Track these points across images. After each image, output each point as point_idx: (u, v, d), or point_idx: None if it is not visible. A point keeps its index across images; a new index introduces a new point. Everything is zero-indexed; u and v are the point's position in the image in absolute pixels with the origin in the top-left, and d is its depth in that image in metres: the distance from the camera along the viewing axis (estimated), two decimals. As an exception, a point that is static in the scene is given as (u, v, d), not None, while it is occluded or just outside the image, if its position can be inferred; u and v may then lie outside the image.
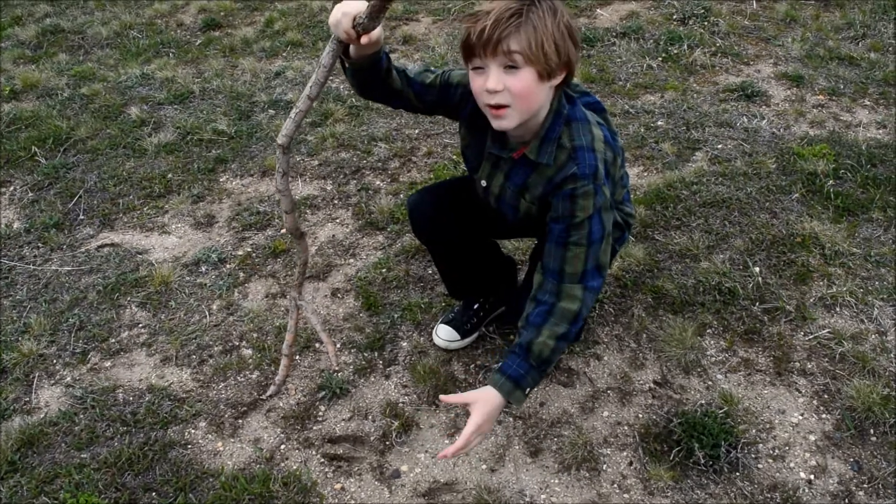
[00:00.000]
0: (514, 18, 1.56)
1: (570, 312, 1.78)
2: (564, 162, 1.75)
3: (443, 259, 2.30)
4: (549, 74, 1.64)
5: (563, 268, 1.78)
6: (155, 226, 3.12)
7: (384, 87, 1.80)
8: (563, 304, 1.78)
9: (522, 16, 1.56)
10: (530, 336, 1.79)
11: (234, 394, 2.33)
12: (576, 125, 1.76)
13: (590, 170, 1.73)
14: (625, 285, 2.64)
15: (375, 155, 3.48)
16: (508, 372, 1.79)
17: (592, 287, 1.80)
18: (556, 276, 1.80)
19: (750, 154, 3.31)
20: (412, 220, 2.18)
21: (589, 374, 2.35)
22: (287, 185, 1.72)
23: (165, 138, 3.69)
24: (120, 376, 2.41)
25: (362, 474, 2.09)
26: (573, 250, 1.77)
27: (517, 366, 1.79)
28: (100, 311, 2.67)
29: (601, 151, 1.76)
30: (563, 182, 1.75)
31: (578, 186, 1.74)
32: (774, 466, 2.06)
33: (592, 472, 2.07)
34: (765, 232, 2.83)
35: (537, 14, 1.57)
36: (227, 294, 2.72)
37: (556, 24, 1.58)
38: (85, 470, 2.08)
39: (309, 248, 1.83)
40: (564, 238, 1.77)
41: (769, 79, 3.98)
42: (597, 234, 1.77)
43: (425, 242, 2.25)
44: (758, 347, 2.40)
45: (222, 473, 2.08)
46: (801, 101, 3.75)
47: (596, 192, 1.74)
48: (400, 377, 2.37)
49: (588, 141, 1.75)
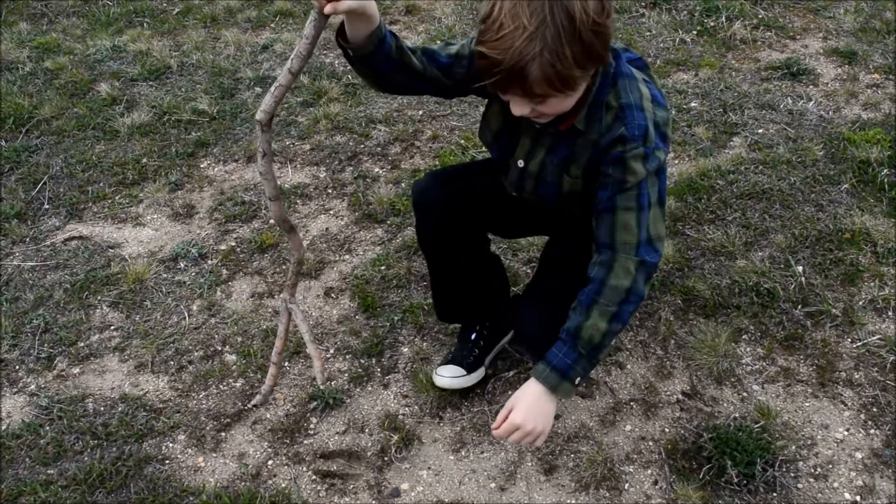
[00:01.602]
0: (529, 58, 1.52)
1: (622, 289, 1.78)
2: (611, 122, 1.77)
3: (444, 262, 2.26)
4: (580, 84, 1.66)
5: (615, 236, 1.80)
6: (128, 217, 3.18)
7: (403, 70, 1.77)
8: (613, 281, 1.79)
9: (537, 46, 1.51)
10: (579, 319, 1.79)
11: (217, 404, 2.39)
12: (622, 82, 1.78)
13: (639, 130, 1.75)
14: (651, 286, 2.67)
15: (374, 139, 3.53)
16: (554, 361, 1.80)
17: (649, 262, 1.81)
18: (607, 246, 1.81)
19: (794, 140, 3.35)
20: (419, 208, 2.16)
21: (610, 383, 2.40)
22: (270, 168, 1.75)
23: (139, 119, 3.75)
24: (90, 384, 2.48)
25: (358, 493, 2.15)
26: (623, 216, 1.78)
27: (564, 354, 1.80)
28: (67, 311, 2.73)
29: (650, 111, 1.78)
30: (610, 145, 1.77)
31: (628, 149, 1.75)
32: (816, 486, 2.10)
33: (613, 492, 2.12)
34: (809, 227, 2.87)
35: (553, 36, 1.51)
36: (209, 293, 2.78)
37: (575, 37, 1.53)
38: (52, 487, 2.15)
39: (303, 244, 1.86)
40: (612, 203, 1.78)
41: (817, 55, 4.01)
42: (649, 198, 1.79)
43: (429, 240, 2.22)
44: (799, 355, 2.45)
45: (203, 491, 2.14)
46: (853, 80, 3.78)
47: (647, 155, 1.76)
48: (400, 386, 2.43)
49: (636, 98, 1.77)
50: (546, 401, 1.81)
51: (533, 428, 1.79)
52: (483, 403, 2.35)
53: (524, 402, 1.80)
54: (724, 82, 3.78)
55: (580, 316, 1.80)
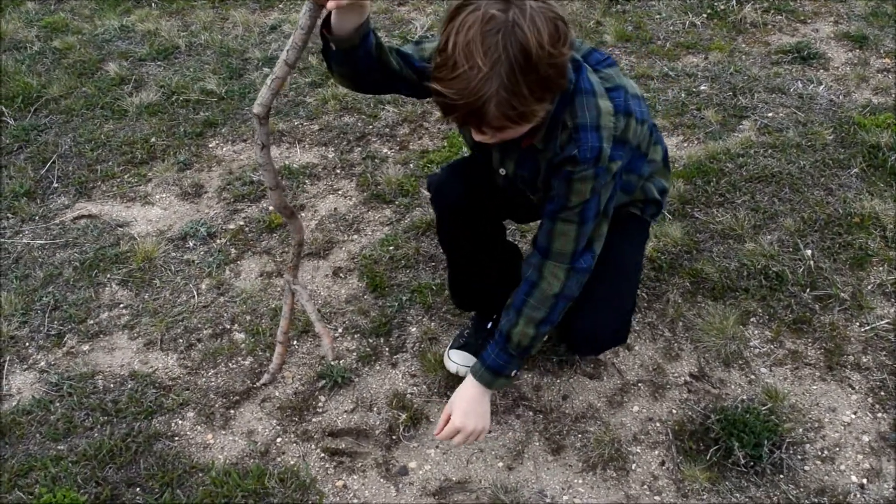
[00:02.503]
0: (486, 99, 1.48)
1: (550, 294, 1.87)
2: (565, 142, 1.75)
3: (463, 254, 2.25)
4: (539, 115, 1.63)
5: (551, 243, 1.85)
6: (137, 196, 3.19)
7: (380, 68, 1.75)
8: (543, 285, 1.87)
9: (493, 86, 1.46)
10: (510, 322, 1.91)
11: (225, 382, 2.41)
12: (579, 99, 1.74)
13: (591, 153, 1.73)
14: (660, 268, 2.68)
15: (382, 119, 3.53)
16: (488, 361, 1.94)
17: (580, 268, 1.87)
18: (543, 251, 1.87)
19: (804, 124, 3.34)
20: (437, 204, 2.17)
21: (618, 365, 2.40)
22: (269, 159, 1.76)
23: (148, 98, 3.76)
24: (99, 361, 2.49)
25: (366, 471, 2.16)
26: (563, 226, 1.83)
27: (496, 355, 1.93)
28: (76, 289, 2.74)
29: (608, 128, 1.75)
30: (561, 163, 1.77)
31: (577, 171, 1.75)
32: (823, 469, 2.11)
33: (620, 472, 2.13)
34: (819, 211, 2.87)
35: (509, 73, 1.46)
36: (218, 272, 2.79)
37: (531, 73, 1.48)
38: (62, 463, 2.16)
39: (304, 228, 1.87)
40: (555, 215, 1.83)
41: (828, 39, 4.00)
42: (591, 212, 1.81)
43: (449, 234, 2.22)
44: (807, 339, 2.45)
45: (213, 468, 2.15)
46: (864, 64, 3.77)
47: (597, 175, 1.76)
48: (408, 366, 2.43)
49: (592, 117, 1.74)
50: (481, 401, 1.95)
51: (473, 428, 1.93)
52: (491, 383, 2.36)
53: (460, 406, 1.94)
54: (734, 66, 3.77)
55: (511, 318, 1.91)
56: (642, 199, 2.16)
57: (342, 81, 1.83)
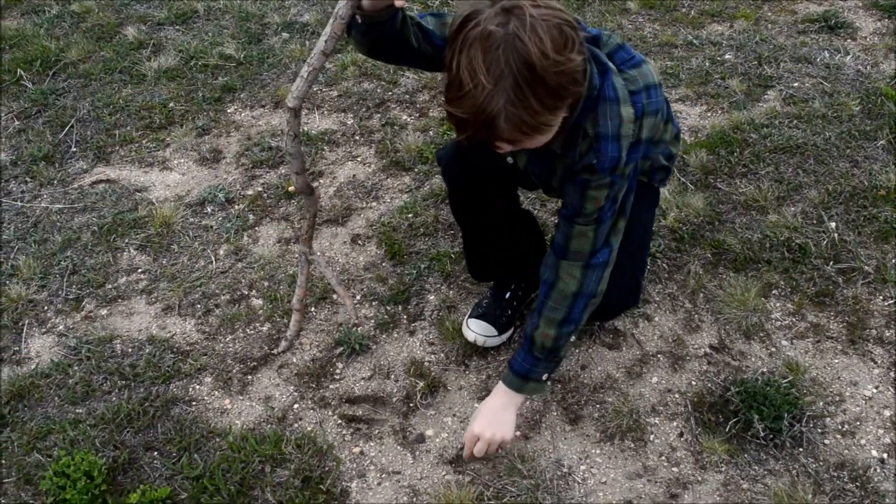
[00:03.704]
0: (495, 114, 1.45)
1: (568, 293, 1.87)
2: (585, 151, 1.73)
3: (477, 225, 2.25)
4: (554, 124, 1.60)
5: (569, 244, 1.85)
6: (155, 161, 3.18)
7: (401, 43, 1.72)
8: (560, 285, 1.88)
9: (500, 102, 1.44)
10: (532, 324, 1.92)
11: (243, 347, 2.41)
12: (602, 108, 1.70)
13: (610, 163, 1.72)
14: (681, 238, 2.66)
15: (402, 86, 3.50)
16: (515, 366, 1.95)
17: (596, 264, 1.86)
18: (559, 251, 1.87)
19: (830, 94, 3.29)
20: (448, 178, 2.16)
21: (637, 335, 2.39)
22: (299, 149, 1.76)
23: (166, 63, 3.74)
24: (117, 326, 2.49)
25: (383, 438, 2.16)
26: (580, 228, 1.83)
27: (522, 359, 1.94)
28: (95, 253, 2.75)
29: (627, 136, 1.72)
30: (580, 171, 1.75)
31: (594, 179, 1.74)
32: (843, 443, 2.09)
33: (638, 443, 2.12)
34: (844, 183, 2.82)
35: (514, 87, 1.44)
36: (235, 238, 2.79)
37: (538, 84, 1.45)
38: (80, 426, 2.17)
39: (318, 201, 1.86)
40: (572, 220, 1.83)
41: (856, 8, 3.93)
42: (607, 214, 1.82)
43: (462, 207, 2.22)
44: (829, 312, 2.42)
45: (230, 433, 2.16)
46: (892, 34, 3.70)
47: (612, 183, 1.76)
48: (426, 333, 2.43)
49: (614, 127, 1.71)
50: (504, 409, 1.97)
51: (492, 436, 1.94)
52: (509, 353, 2.35)
53: (483, 414, 1.97)
54: (760, 34, 3.71)
55: (533, 321, 1.92)
56: (648, 169, 2.13)
57: (358, 47, 1.79)
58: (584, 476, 2.05)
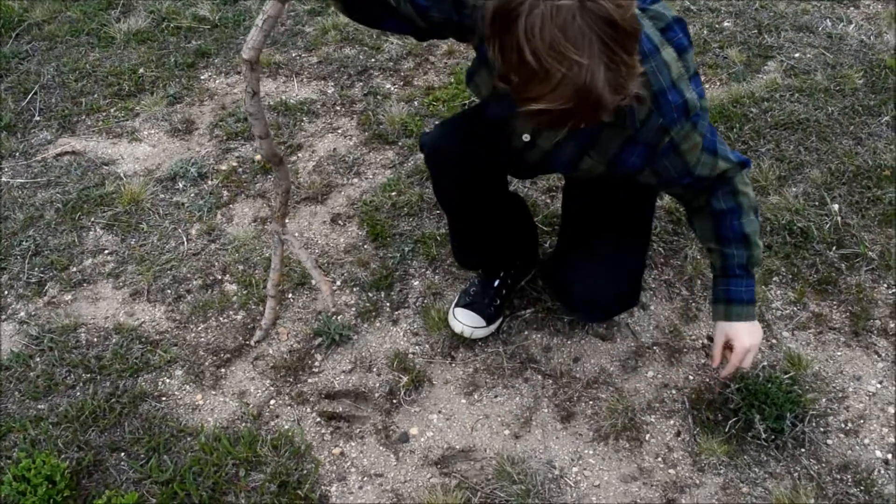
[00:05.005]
0: (600, 87, 1.34)
1: (749, 198, 1.83)
2: (646, 116, 1.64)
3: (466, 219, 2.13)
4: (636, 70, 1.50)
5: (711, 174, 1.78)
6: (124, 131, 3.02)
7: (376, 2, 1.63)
8: (740, 198, 1.82)
9: (600, 73, 1.34)
10: (744, 253, 1.84)
11: (216, 337, 2.28)
12: (648, 66, 1.59)
13: (678, 112, 1.63)
14: (678, 220, 2.55)
15: (386, 52, 3.34)
16: (747, 297, 1.88)
17: (738, 162, 1.81)
18: (712, 184, 1.81)
19: (833, 66, 3.16)
20: (433, 166, 2.02)
21: (632, 325, 2.29)
22: (259, 107, 1.62)
23: (136, 25, 3.55)
24: (82, 312, 2.36)
25: (365, 437, 2.05)
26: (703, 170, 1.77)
27: (750, 288, 1.88)
28: (59, 233, 2.60)
29: (681, 75, 1.64)
30: (654, 138, 1.67)
31: (675, 135, 1.66)
32: (846, 443, 2.01)
33: (633, 443, 2.03)
34: (847, 161, 2.71)
35: (606, 51, 1.34)
36: (209, 217, 2.64)
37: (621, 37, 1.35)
38: (42, 424, 2.05)
39: (290, 175, 1.74)
40: (693, 186, 1.80)
41: (859, -28, 3.79)
42: (709, 142, 1.74)
43: (447, 195, 2.09)
44: (832, 301, 2.33)
45: (202, 432, 2.04)
46: (896, 1, 3.57)
47: (695, 124, 1.67)
48: (410, 323, 2.31)
49: (665, 77, 1.62)
50: (754, 324, 1.92)
51: (758, 342, 1.91)
52: (498, 344, 2.24)
53: (744, 330, 1.89)
54: (760, 1, 3.57)
55: (740, 250, 1.84)
56: None
57: (335, 3, 1.69)
58: (577, 479, 1.97)
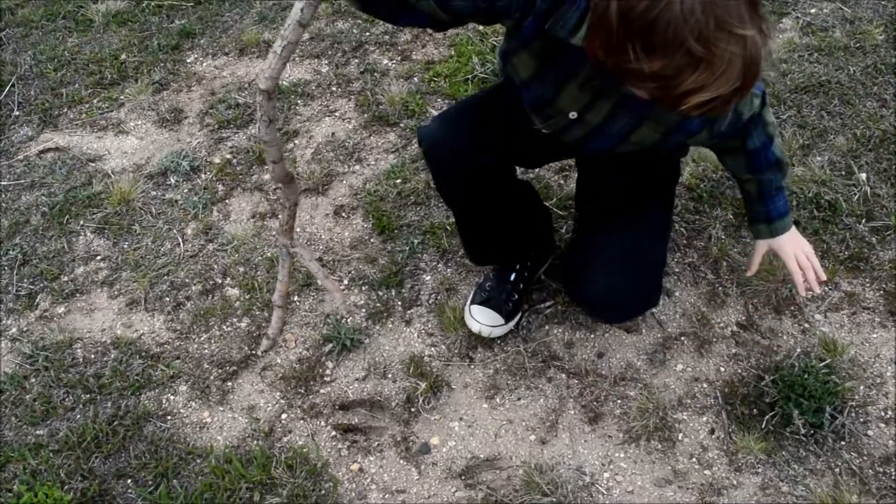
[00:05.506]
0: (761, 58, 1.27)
1: (774, 124, 1.81)
2: None
3: (473, 214, 2.01)
4: None
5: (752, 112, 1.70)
6: (109, 123, 2.87)
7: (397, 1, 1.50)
8: (769, 129, 1.78)
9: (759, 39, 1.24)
10: (779, 176, 1.85)
11: (220, 348, 2.17)
12: None
13: None
14: (699, 198, 2.44)
15: (381, 25, 3.18)
16: (784, 209, 1.89)
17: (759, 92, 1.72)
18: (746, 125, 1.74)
19: (851, 21, 3.02)
20: (432, 161, 1.90)
21: (657, 315, 2.19)
22: (275, 135, 1.48)
23: (115, 5, 3.39)
24: (77, 326, 2.24)
25: (384, 450, 1.95)
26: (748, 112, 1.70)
27: (784, 201, 1.89)
28: (47, 239, 2.47)
29: None
30: None
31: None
32: (887, 432, 1.93)
33: (666, 444, 1.94)
34: (872, 126, 2.59)
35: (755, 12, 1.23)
36: (204, 214, 2.52)
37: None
38: (42, 453, 1.95)
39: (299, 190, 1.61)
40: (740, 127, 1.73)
41: (871, -84, 3.62)
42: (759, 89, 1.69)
43: (450, 191, 1.97)
44: (864, 278, 2.24)
45: (212, 453, 1.94)
46: (912, -54, 3.41)
47: None
48: (424, 322, 2.20)
49: None
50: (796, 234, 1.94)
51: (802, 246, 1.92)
52: (518, 342, 2.14)
53: (792, 239, 1.92)
54: (770, -48, 3.40)
55: (779, 173, 1.85)
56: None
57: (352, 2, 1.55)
58: (609, 485, 1.88)
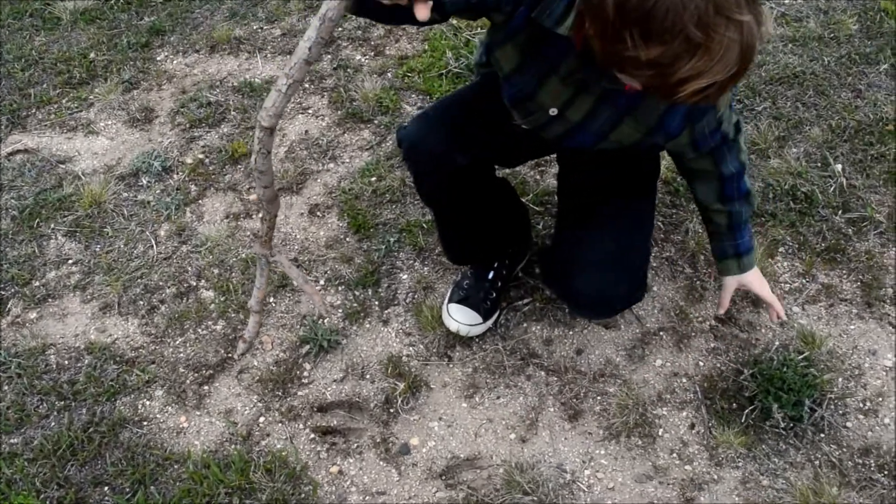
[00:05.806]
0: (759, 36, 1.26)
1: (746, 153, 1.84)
2: None
3: (453, 214, 2.01)
4: None
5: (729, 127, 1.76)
6: (78, 124, 2.84)
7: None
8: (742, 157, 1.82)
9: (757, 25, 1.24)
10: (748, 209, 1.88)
11: (196, 352, 2.15)
12: None
13: None
14: (676, 191, 2.44)
15: (353, 19, 3.16)
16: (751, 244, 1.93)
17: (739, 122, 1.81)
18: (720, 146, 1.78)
19: (825, 11, 3.03)
20: (412, 162, 1.88)
21: (636, 310, 2.19)
22: (270, 166, 1.44)
23: (83, 3, 3.35)
24: (50, 331, 2.22)
25: (363, 452, 1.95)
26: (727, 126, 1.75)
27: (750, 237, 1.92)
28: (17, 243, 2.44)
29: None
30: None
31: None
32: (866, 424, 1.94)
33: (646, 440, 1.94)
34: (847, 117, 2.61)
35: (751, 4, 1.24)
36: (177, 215, 2.49)
37: None
38: (17, 462, 1.92)
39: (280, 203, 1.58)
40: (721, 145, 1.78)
41: None
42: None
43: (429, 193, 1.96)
44: (841, 269, 2.25)
45: (189, 459, 1.92)
46: (884, -66, 3.43)
47: None
48: (401, 322, 2.19)
49: None
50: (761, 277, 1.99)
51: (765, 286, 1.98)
52: (496, 339, 2.14)
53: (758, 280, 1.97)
54: (743, -58, 3.41)
55: (747, 205, 1.88)
56: None
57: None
58: (590, 482, 1.88)
